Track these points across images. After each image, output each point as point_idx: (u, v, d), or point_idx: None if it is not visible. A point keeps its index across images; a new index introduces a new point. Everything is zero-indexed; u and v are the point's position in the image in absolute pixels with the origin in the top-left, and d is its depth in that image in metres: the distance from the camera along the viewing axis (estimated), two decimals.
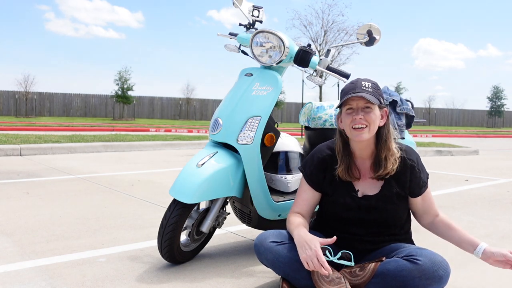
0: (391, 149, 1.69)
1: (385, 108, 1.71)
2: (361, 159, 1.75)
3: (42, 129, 13.75)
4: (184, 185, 1.94)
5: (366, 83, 1.68)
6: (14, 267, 2.02)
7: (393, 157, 1.69)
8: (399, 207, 1.73)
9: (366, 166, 1.74)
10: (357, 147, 1.73)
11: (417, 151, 2.99)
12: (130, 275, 1.96)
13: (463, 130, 29.50)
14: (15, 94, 30.73)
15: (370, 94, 1.65)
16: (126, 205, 3.44)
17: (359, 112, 1.64)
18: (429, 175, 1.80)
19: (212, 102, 36.49)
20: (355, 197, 1.73)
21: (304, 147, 2.64)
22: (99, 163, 6.16)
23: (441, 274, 1.51)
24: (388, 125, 1.72)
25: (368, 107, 1.64)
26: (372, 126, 1.65)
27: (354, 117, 1.64)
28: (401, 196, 1.72)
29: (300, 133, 13.66)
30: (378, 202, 1.70)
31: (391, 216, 1.72)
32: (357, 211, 1.72)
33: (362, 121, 1.63)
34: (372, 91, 1.67)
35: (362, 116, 1.64)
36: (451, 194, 4.39)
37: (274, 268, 1.68)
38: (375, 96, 1.67)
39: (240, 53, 2.52)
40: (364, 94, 1.63)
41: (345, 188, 1.74)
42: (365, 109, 1.65)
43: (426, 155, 9.03)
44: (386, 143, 1.69)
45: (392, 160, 1.68)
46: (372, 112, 1.64)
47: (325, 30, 19.88)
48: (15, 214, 3.05)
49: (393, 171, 1.69)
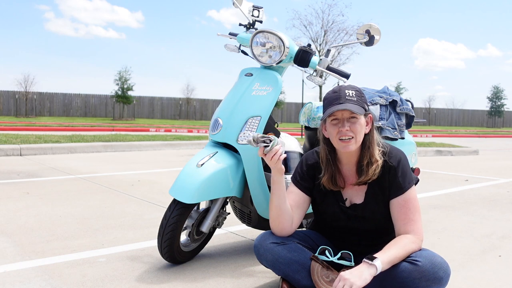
0: (374, 155, 1.66)
1: (369, 114, 1.69)
2: (348, 166, 1.73)
3: (42, 129, 13.75)
4: (184, 185, 1.94)
5: (350, 92, 1.65)
6: (14, 267, 2.02)
7: (376, 164, 1.65)
8: (388, 215, 1.69)
9: (352, 173, 1.72)
10: (344, 156, 1.71)
11: (417, 151, 3.00)
12: (130, 275, 1.96)
13: (463, 130, 29.50)
14: (15, 94, 30.75)
15: (354, 104, 1.62)
16: (126, 205, 3.44)
17: (344, 123, 1.62)
18: (416, 182, 1.69)
19: (212, 102, 36.49)
20: (343, 207, 1.71)
21: (304, 147, 2.64)
22: (99, 163, 6.16)
23: (441, 275, 1.51)
24: (372, 131, 1.69)
25: (353, 117, 1.62)
26: (358, 136, 1.63)
27: (340, 128, 1.62)
28: (386, 202, 1.68)
29: (300, 133, 13.66)
30: (365, 211, 1.69)
31: (381, 225, 1.71)
32: (347, 221, 1.72)
33: (348, 132, 1.61)
34: (356, 100, 1.63)
35: (348, 127, 1.62)
36: (451, 194, 4.39)
37: (274, 269, 1.68)
38: (360, 105, 1.64)
39: (240, 53, 2.52)
40: (349, 105, 1.60)
41: (334, 197, 1.73)
42: (351, 119, 1.62)
43: (426, 155, 9.03)
44: (369, 149, 1.67)
45: (374, 166, 1.65)
46: (357, 122, 1.62)
47: (325, 30, 19.87)
48: (15, 214, 3.05)
49: (374, 175, 1.66)
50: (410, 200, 1.63)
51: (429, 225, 3.01)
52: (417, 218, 1.62)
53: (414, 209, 1.63)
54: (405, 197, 1.63)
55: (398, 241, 1.56)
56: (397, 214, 1.63)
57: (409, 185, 1.65)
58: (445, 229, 2.93)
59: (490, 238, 2.73)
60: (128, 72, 29.83)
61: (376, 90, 2.70)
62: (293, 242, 1.69)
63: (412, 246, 1.56)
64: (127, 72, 29.79)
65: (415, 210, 1.63)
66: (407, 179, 1.66)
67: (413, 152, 2.90)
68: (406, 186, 1.64)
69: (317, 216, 1.86)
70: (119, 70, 30.50)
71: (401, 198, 1.63)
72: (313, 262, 1.62)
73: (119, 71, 30.03)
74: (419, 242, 1.59)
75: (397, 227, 1.63)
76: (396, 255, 1.52)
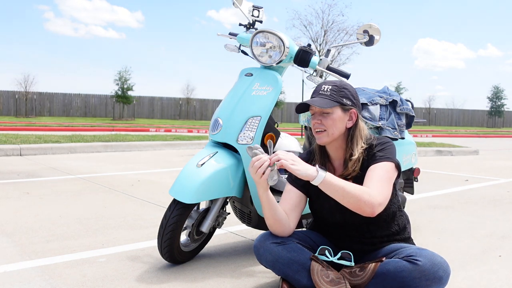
0: (354, 150, 1.68)
1: (352, 110, 1.71)
2: (336, 160, 1.78)
3: (42, 129, 13.74)
4: (184, 185, 1.94)
5: (326, 87, 1.71)
6: (14, 267, 2.02)
7: (354, 159, 1.67)
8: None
9: (341, 167, 1.76)
10: (330, 149, 1.77)
11: (417, 151, 3.00)
12: (130, 275, 1.96)
13: (463, 130, 29.50)
14: (15, 94, 30.74)
15: (324, 98, 1.67)
16: (126, 205, 3.44)
17: (316, 116, 1.70)
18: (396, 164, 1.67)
19: (212, 102, 36.49)
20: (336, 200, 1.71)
21: (304, 147, 2.64)
22: (99, 163, 6.16)
23: (441, 274, 1.51)
24: (357, 126, 1.71)
25: (325, 112, 1.68)
26: (330, 130, 1.68)
27: (313, 121, 1.70)
28: None
29: (300, 133, 13.66)
30: None
31: (377, 217, 1.67)
32: (342, 214, 1.71)
33: (319, 125, 1.68)
34: (329, 94, 1.68)
35: (319, 120, 1.68)
36: (451, 194, 4.39)
37: (274, 269, 1.67)
38: (333, 99, 1.67)
39: (240, 53, 2.52)
40: (316, 100, 1.67)
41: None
42: (323, 114, 1.69)
43: (426, 155, 9.03)
44: (351, 144, 1.70)
45: (352, 161, 1.68)
46: (329, 116, 1.67)
47: (325, 30, 19.85)
48: (15, 214, 3.05)
49: (354, 172, 1.68)
50: (383, 168, 1.63)
51: (429, 225, 3.00)
52: (385, 184, 1.60)
53: (385, 177, 1.61)
54: (380, 164, 1.64)
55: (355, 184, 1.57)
56: (367, 175, 1.63)
57: (387, 159, 1.65)
58: (445, 229, 2.93)
59: (490, 238, 2.73)
60: (128, 72, 29.83)
61: (376, 90, 2.70)
62: (293, 242, 1.69)
63: (365, 195, 1.52)
64: (127, 72, 29.80)
65: (385, 179, 1.61)
66: (386, 155, 1.66)
67: (413, 152, 2.91)
68: (383, 158, 1.65)
69: (315, 215, 1.86)
70: (119, 70, 30.51)
71: (375, 165, 1.64)
72: (313, 262, 1.62)
73: (119, 71, 30.04)
74: (374, 198, 1.53)
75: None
76: (345, 184, 1.53)
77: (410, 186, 2.97)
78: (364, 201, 1.52)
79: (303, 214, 2.09)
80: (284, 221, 1.69)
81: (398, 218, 1.78)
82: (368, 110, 2.48)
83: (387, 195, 1.59)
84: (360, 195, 1.52)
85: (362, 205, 1.52)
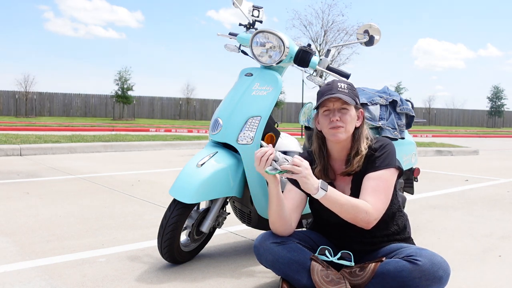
0: (360, 147, 1.71)
1: (360, 109, 1.75)
2: (338, 160, 1.78)
3: (42, 129, 13.74)
4: (184, 185, 1.94)
5: (342, 84, 1.73)
6: (14, 267, 2.02)
7: (360, 155, 1.70)
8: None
9: (342, 166, 1.77)
10: (335, 148, 1.76)
11: (417, 151, 3.00)
12: (130, 275, 1.96)
13: (463, 130, 29.50)
14: (15, 94, 30.73)
15: (346, 95, 1.69)
16: (126, 205, 3.44)
17: (335, 113, 1.69)
18: (396, 167, 1.69)
19: (212, 102, 36.48)
20: None
21: (304, 147, 2.64)
22: (99, 163, 6.16)
23: (441, 274, 1.51)
24: (362, 126, 1.76)
25: (344, 108, 1.69)
26: (348, 126, 1.69)
27: (331, 118, 1.68)
28: None
29: (300, 133, 13.66)
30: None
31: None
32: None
33: (338, 122, 1.68)
34: (348, 92, 1.71)
35: (339, 117, 1.68)
36: (451, 194, 4.39)
37: (274, 269, 1.68)
38: (351, 97, 1.71)
39: (240, 53, 2.52)
40: (340, 95, 1.67)
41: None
42: (342, 110, 1.69)
43: (426, 155, 9.03)
44: (357, 143, 1.72)
45: (359, 157, 1.70)
46: (348, 113, 1.69)
47: (325, 30, 19.85)
48: (15, 214, 3.05)
49: (358, 167, 1.71)
50: (382, 177, 1.65)
51: (429, 225, 3.00)
52: (382, 197, 1.63)
53: (383, 187, 1.64)
54: (378, 173, 1.66)
55: (355, 198, 1.60)
56: (364, 185, 1.66)
57: (386, 166, 1.67)
58: (445, 229, 2.93)
59: (490, 238, 2.73)
60: (128, 72, 29.79)
61: (376, 90, 2.70)
62: (293, 242, 1.69)
63: (362, 213, 1.57)
64: (127, 72, 29.76)
65: (383, 189, 1.63)
66: (386, 161, 1.68)
67: (413, 152, 2.90)
68: (382, 165, 1.67)
69: (315, 215, 1.86)
70: (119, 70, 30.43)
71: (374, 174, 1.66)
72: (313, 262, 1.62)
73: (119, 71, 29.98)
74: (371, 215, 1.58)
75: (360, 197, 1.64)
76: (344, 199, 1.57)
77: (410, 186, 2.97)
78: (360, 218, 1.59)
79: (303, 214, 2.09)
80: (287, 219, 1.70)
81: (398, 218, 1.79)
82: (368, 110, 2.49)
83: (384, 207, 1.64)
84: (356, 214, 1.58)
85: (359, 221, 1.60)
